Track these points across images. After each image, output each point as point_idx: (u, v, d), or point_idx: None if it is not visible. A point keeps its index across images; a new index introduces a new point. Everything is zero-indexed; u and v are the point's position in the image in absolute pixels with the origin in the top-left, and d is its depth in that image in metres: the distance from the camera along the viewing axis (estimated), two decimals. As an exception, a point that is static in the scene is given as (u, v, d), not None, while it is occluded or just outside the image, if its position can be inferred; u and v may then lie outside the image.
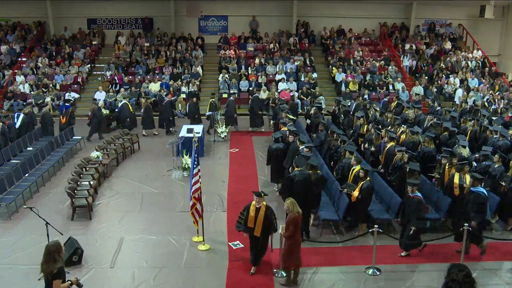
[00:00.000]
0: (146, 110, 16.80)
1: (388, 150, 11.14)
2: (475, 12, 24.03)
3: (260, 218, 7.59)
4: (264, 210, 7.63)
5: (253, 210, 7.65)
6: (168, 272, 8.10)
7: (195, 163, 8.71)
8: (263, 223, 7.61)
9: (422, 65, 22.73)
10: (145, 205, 10.90)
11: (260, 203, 7.67)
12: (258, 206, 7.66)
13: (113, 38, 23.76)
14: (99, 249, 8.87)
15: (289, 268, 7.76)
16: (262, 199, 7.69)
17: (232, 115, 17.19)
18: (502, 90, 20.79)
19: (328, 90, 21.50)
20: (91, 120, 16.22)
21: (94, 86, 20.71)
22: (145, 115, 16.78)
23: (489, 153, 10.68)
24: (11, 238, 9.25)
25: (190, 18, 23.64)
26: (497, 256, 8.77)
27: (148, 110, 16.83)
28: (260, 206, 7.65)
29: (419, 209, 8.28)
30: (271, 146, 11.80)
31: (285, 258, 7.67)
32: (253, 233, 7.72)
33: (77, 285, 5.73)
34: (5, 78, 20.95)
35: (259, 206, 7.66)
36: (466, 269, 4.47)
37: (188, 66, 21.75)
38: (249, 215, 7.66)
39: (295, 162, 9.52)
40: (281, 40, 23.99)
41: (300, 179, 8.98)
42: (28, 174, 11.81)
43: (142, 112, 16.94)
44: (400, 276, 8.14)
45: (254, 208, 7.68)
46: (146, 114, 16.78)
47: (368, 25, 24.85)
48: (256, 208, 7.66)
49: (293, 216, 7.43)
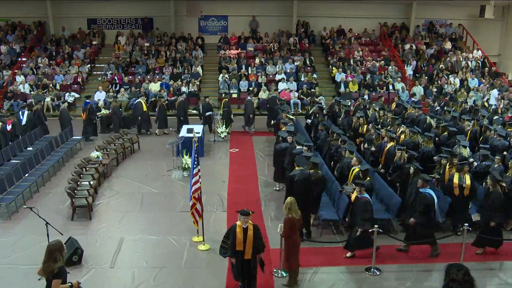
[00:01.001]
0: (160, 109, 16.89)
1: (388, 150, 11.14)
2: (475, 12, 24.04)
3: (249, 239, 6.92)
4: (252, 229, 6.98)
5: (240, 232, 6.93)
6: (168, 272, 8.10)
7: (195, 163, 8.71)
8: (254, 244, 6.98)
9: (422, 65, 22.73)
10: (145, 205, 10.90)
11: (247, 222, 6.98)
12: (245, 226, 6.98)
13: (113, 38, 23.77)
14: (99, 249, 8.87)
15: (290, 268, 7.74)
16: (249, 217, 7.00)
17: (249, 116, 17.26)
18: (502, 90, 20.79)
19: (328, 90, 21.49)
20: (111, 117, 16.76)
21: (94, 86, 20.72)
22: (159, 114, 16.90)
23: (489, 153, 10.69)
24: (11, 238, 9.24)
25: (190, 18, 23.66)
26: (497, 256, 8.76)
27: (162, 109, 16.92)
28: (247, 226, 6.98)
29: (366, 210, 8.21)
30: (277, 146, 11.83)
31: (286, 259, 7.65)
32: (243, 256, 7.01)
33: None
34: (4, 78, 20.95)
35: (246, 226, 6.98)
36: (464, 268, 4.47)
37: (188, 66, 21.75)
38: (237, 237, 6.93)
39: (296, 161, 9.53)
40: (281, 40, 23.99)
41: (300, 178, 8.98)
42: (28, 174, 11.81)
43: (157, 112, 17.04)
44: (400, 276, 8.15)
45: (241, 229, 6.96)
46: (160, 113, 16.89)
47: (368, 25, 24.86)
48: (243, 229, 6.95)
49: (287, 217, 7.43)
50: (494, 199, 8.42)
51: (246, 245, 6.94)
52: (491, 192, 8.50)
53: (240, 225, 6.99)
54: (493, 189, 8.50)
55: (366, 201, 8.28)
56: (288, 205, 7.43)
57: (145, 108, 16.87)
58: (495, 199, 8.41)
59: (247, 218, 6.97)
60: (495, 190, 8.48)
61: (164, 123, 17.01)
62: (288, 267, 7.74)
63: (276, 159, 11.81)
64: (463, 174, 9.40)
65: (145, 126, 16.94)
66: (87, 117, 15.98)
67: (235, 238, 6.95)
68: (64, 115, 16.07)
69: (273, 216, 10.30)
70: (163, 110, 17.00)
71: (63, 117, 16.04)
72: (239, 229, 6.96)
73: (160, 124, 16.98)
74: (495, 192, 8.46)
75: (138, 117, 16.73)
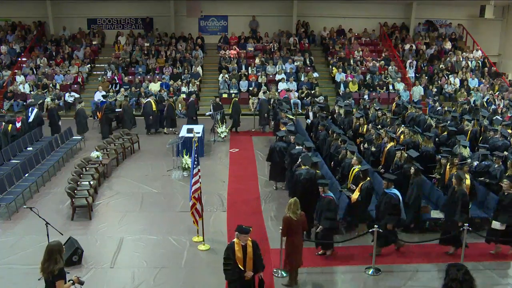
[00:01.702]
0: (168, 109, 16.95)
1: (388, 151, 11.14)
2: (475, 12, 24.03)
3: (249, 256, 6.46)
4: (251, 246, 6.48)
5: (239, 250, 6.42)
6: (168, 272, 8.11)
7: (195, 163, 8.71)
8: (254, 262, 6.51)
9: (422, 65, 22.74)
10: (145, 205, 10.90)
11: (246, 240, 6.46)
12: (244, 244, 6.47)
13: (113, 38, 23.77)
14: (99, 249, 8.87)
15: (292, 269, 7.71)
16: (248, 235, 6.47)
17: (264, 115, 17.34)
18: (502, 90, 20.79)
19: (328, 90, 21.49)
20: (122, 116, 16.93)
21: (94, 86, 20.72)
22: (168, 113, 16.96)
23: (488, 153, 10.69)
24: (11, 238, 9.25)
25: (190, 18, 23.64)
26: (497, 256, 8.76)
27: (170, 109, 16.97)
28: (246, 243, 6.48)
29: (329, 209, 8.20)
30: (273, 144, 11.87)
31: (286, 259, 7.63)
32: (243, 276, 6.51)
33: (79, 283, 5.73)
34: (4, 78, 20.95)
35: (244, 244, 6.47)
36: (464, 267, 4.48)
37: (188, 66, 21.75)
38: (236, 256, 6.42)
39: (302, 160, 9.54)
40: (281, 40, 23.99)
41: (306, 177, 8.99)
42: (28, 174, 11.81)
43: (165, 111, 17.08)
44: (400, 276, 8.14)
45: (240, 247, 6.44)
46: (169, 112, 16.95)
47: (368, 25, 24.85)
48: (242, 247, 6.45)
49: (285, 216, 7.42)
50: (458, 198, 8.36)
51: (246, 264, 6.47)
52: (456, 191, 8.44)
53: (238, 242, 6.45)
54: (458, 188, 8.45)
55: (329, 200, 8.26)
56: (288, 205, 7.43)
57: (154, 107, 16.90)
58: (459, 197, 8.35)
59: (246, 237, 6.43)
60: (460, 189, 8.44)
61: (173, 122, 17.02)
62: (289, 267, 7.70)
63: (270, 156, 11.85)
64: (463, 174, 9.39)
65: (154, 126, 17.02)
66: (103, 116, 16.19)
67: (234, 258, 6.44)
68: (81, 115, 16.20)
69: (273, 216, 10.29)
70: (171, 110, 17.01)
71: (80, 117, 16.18)
72: (237, 247, 6.43)
73: (169, 123, 16.97)
74: (460, 191, 8.41)
75: (150, 116, 16.79)
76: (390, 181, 8.52)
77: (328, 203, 8.24)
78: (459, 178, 8.51)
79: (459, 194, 8.40)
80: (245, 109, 19.29)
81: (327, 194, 8.33)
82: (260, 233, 9.34)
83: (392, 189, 8.50)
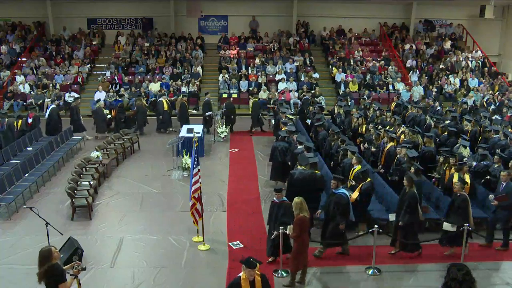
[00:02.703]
0: (181, 107, 16.99)
1: (388, 151, 11.13)
2: (475, 12, 24.03)
3: None
4: (260, 281, 5.88)
5: (247, 286, 5.81)
6: (168, 272, 8.10)
7: (195, 163, 8.71)
8: None
9: (422, 65, 22.74)
10: (145, 205, 10.90)
11: (253, 275, 5.82)
12: (252, 279, 5.84)
13: (113, 38, 23.77)
14: (99, 249, 8.87)
15: (298, 269, 7.69)
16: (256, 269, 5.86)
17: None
18: (502, 90, 20.80)
19: (328, 90, 21.50)
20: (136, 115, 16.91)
21: (94, 86, 20.71)
22: (181, 112, 17.00)
23: (487, 153, 10.68)
24: (11, 238, 9.25)
25: (190, 18, 23.64)
26: (497, 256, 8.77)
27: (183, 107, 17.01)
28: (253, 278, 5.85)
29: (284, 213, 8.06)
30: (275, 143, 11.86)
31: (294, 259, 7.61)
32: None
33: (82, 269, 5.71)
34: (4, 78, 20.94)
35: (252, 279, 5.84)
36: (465, 268, 4.48)
37: (188, 66, 21.75)
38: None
39: (299, 160, 9.53)
40: (281, 40, 23.99)
41: (299, 177, 8.97)
42: (28, 174, 11.81)
43: (178, 110, 17.15)
44: (400, 276, 8.14)
45: (247, 282, 5.80)
46: (182, 111, 16.97)
47: (368, 25, 24.86)
48: (250, 282, 5.81)
49: (298, 217, 7.37)
50: (408, 199, 8.31)
51: None
52: (407, 192, 8.40)
53: (245, 278, 5.80)
54: (409, 190, 8.40)
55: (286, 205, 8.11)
56: (299, 205, 7.38)
57: (166, 107, 16.92)
58: (410, 199, 8.31)
59: (253, 272, 5.77)
60: (411, 190, 8.38)
61: (186, 120, 16.92)
62: (295, 267, 7.67)
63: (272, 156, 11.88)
64: (462, 174, 9.41)
65: (165, 125, 17.08)
66: (117, 115, 16.38)
67: None
68: (99, 114, 16.29)
69: (273, 216, 10.27)
70: (184, 108, 17.00)
71: (98, 116, 16.27)
72: (244, 283, 5.79)
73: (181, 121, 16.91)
74: (410, 192, 8.36)
75: (160, 116, 16.86)
76: (339, 181, 8.44)
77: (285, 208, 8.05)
78: (410, 179, 8.42)
79: (408, 195, 8.33)
80: (245, 109, 19.30)
81: (282, 199, 8.22)
82: (260, 233, 9.34)
83: (341, 189, 8.43)
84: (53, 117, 15.81)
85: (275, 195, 8.29)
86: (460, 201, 8.35)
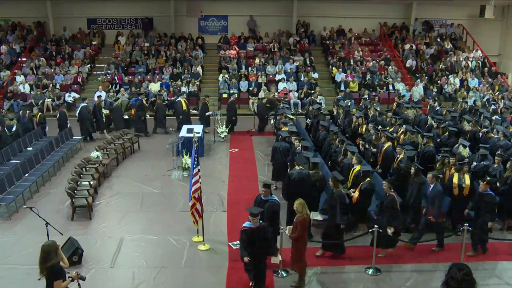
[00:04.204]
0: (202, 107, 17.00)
1: (385, 151, 11.11)
2: (475, 12, 24.03)
3: None
4: None
5: None
6: (168, 272, 8.11)
7: (195, 163, 8.71)
8: None
9: (422, 65, 22.74)
10: (145, 205, 10.90)
11: None
12: None
13: (113, 38, 23.77)
14: (99, 249, 8.88)
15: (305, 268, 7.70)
16: None
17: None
18: (502, 90, 20.79)
19: (328, 90, 21.50)
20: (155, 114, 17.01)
21: (94, 86, 20.71)
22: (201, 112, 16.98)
23: (487, 153, 10.67)
24: (11, 238, 9.25)
25: (190, 18, 23.64)
26: (497, 256, 8.77)
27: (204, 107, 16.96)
28: None
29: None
30: (276, 143, 11.88)
31: (299, 261, 7.60)
32: None
33: (80, 278, 5.72)
34: (4, 78, 20.93)
35: None
36: (466, 268, 4.47)
37: (188, 66, 21.75)
38: None
39: (296, 160, 9.53)
40: (281, 40, 23.99)
41: (297, 178, 8.97)
42: (28, 174, 11.81)
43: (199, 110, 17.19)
44: (400, 276, 8.15)
45: None
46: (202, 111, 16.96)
47: (368, 25, 24.86)
48: None
49: (301, 217, 7.38)
50: (336, 200, 8.32)
51: None
52: (334, 193, 8.42)
53: None
54: (335, 190, 8.41)
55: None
56: (302, 205, 7.39)
57: (184, 107, 16.87)
58: (337, 199, 8.31)
59: None
60: (337, 190, 8.40)
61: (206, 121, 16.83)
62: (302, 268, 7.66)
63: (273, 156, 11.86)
64: (462, 174, 9.40)
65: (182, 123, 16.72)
66: (136, 114, 16.46)
67: None
68: (117, 113, 16.34)
69: (273, 216, 10.27)
70: (205, 108, 16.91)
71: (116, 115, 16.31)
72: None
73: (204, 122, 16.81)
74: (337, 192, 8.38)
75: (180, 116, 16.81)
76: (267, 188, 8.31)
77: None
78: (335, 179, 8.44)
79: (336, 195, 8.35)
80: (245, 109, 19.30)
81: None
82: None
83: (272, 196, 8.32)
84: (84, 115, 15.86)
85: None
86: (388, 201, 8.38)
